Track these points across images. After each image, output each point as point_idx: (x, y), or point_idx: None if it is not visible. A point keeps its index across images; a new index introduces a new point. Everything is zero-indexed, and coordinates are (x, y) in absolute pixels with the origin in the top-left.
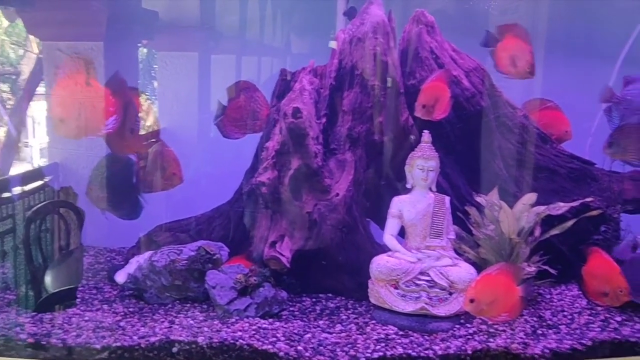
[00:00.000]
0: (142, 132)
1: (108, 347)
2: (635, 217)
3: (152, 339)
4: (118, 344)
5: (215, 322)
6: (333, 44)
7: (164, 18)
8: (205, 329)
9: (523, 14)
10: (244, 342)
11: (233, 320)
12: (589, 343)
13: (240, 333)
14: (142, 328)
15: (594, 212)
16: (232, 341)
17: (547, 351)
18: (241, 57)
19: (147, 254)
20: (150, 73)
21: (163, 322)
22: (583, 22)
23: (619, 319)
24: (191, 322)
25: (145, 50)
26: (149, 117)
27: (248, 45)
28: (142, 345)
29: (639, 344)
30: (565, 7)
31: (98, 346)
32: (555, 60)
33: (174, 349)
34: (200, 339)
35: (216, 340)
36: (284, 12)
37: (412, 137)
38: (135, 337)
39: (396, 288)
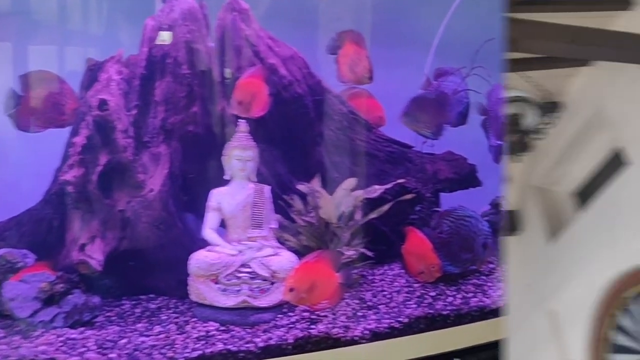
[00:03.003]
0: None
1: None
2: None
3: None
4: None
5: (15, 338)
6: (166, 36)
7: None
8: (3, 347)
9: (349, 5)
10: (47, 357)
11: (37, 333)
12: (406, 320)
13: (44, 347)
14: None
15: (408, 196)
16: (32, 357)
17: (367, 332)
18: (63, 47)
19: None
20: None
21: None
22: (401, 12)
23: (433, 294)
24: None
25: None
26: None
27: (70, 35)
28: None
29: (451, 317)
30: None
31: None
32: (377, 50)
33: None
34: None
35: (13, 359)
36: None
37: None
38: None
39: (217, 283)
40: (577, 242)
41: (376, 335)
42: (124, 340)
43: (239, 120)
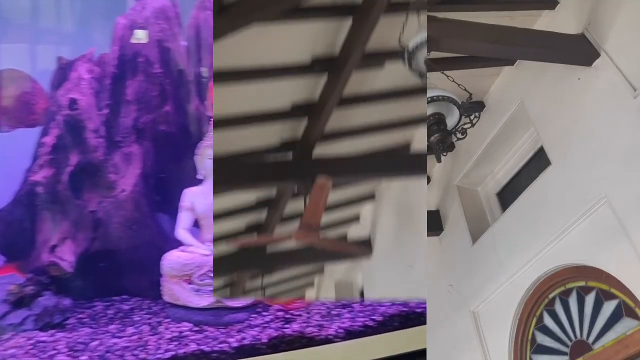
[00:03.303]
0: None
1: None
2: None
3: None
4: None
5: None
6: (141, 34)
7: None
8: None
9: None
10: None
11: (7, 336)
12: (380, 318)
13: (13, 350)
14: None
15: None
16: None
17: (341, 330)
18: (34, 45)
19: None
20: None
21: None
22: None
23: None
24: None
25: None
26: None
27: (42, 33)
28: None
29: (424, 314)
30: None
31: None
32: None
33: None
34: None
35: None
36: None
37: None
38: None
39: (190, 283)
40: (500, 243)
41: (350, 334)
42: (95, 342)
43: (211, 118)
